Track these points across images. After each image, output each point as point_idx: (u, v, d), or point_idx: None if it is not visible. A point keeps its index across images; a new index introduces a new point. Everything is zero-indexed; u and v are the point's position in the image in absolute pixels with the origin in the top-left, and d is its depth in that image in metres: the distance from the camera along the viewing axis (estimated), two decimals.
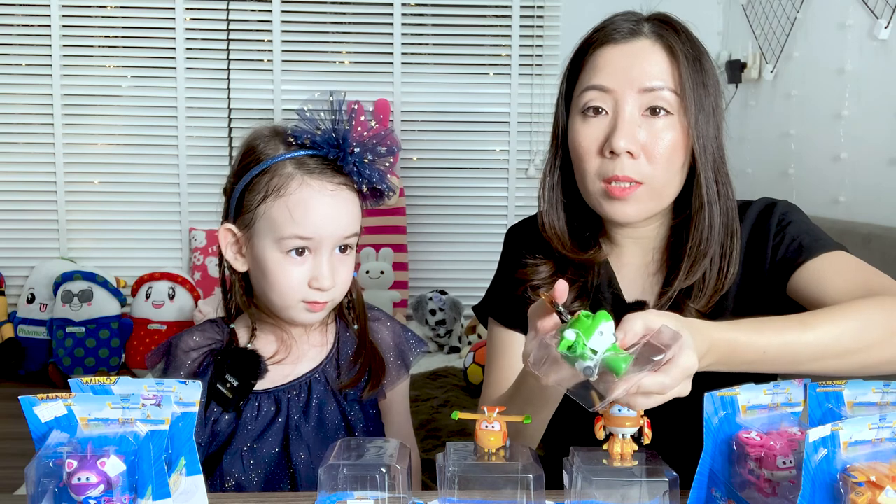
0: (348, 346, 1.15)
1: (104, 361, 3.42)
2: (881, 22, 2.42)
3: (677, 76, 1.01)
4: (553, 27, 3.76)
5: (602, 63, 1.03)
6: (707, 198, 1.03)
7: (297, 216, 1.01)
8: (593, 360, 0.72)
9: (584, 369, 0.73)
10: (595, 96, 1.03)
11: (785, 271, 1.03)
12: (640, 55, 1.02)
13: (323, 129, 1.03)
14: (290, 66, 3.74)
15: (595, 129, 1.03)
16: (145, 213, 3.75)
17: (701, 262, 1.04)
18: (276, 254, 1.03)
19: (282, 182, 1.02)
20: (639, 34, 1.03)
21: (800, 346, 0.86)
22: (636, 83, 1.01)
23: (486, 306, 1.23)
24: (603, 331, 0.73)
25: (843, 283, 0.97)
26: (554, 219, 1.12)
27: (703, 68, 1.03)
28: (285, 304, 1.05)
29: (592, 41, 1.06)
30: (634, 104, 1.01)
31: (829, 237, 1.06)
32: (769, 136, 3.07)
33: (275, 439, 1.08)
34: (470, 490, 0.78)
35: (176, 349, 1.11)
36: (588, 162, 1.04)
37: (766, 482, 0.75)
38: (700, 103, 1.02)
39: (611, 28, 1.05)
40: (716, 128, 1.04)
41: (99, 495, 0.69)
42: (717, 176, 1.05)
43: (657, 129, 1.01)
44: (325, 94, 1.04)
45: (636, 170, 1.01)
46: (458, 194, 3.84)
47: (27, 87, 3.67)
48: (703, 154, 1.02)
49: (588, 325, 0.73)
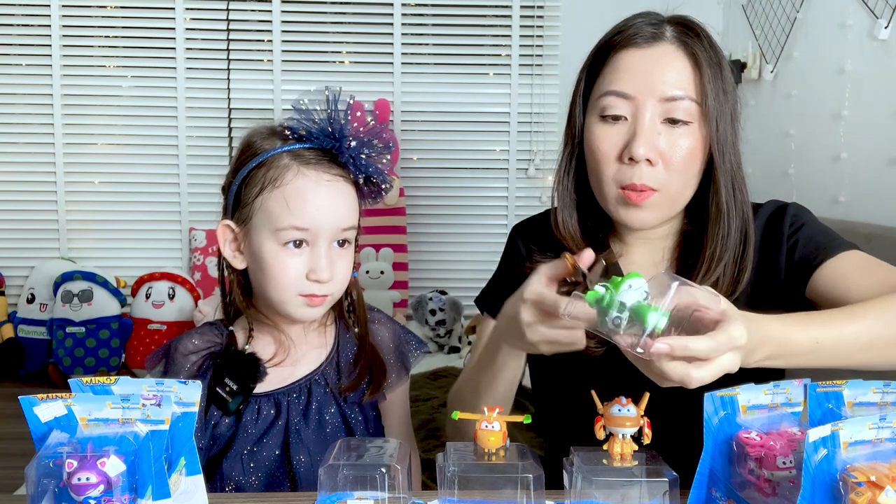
0: (348, 348, 1.15)
1: (104, 361, 3.42)
2: (881, 22, 2.42)
3: (699, 85, 1.00)
4: (553, 27, 3.75)
5: (623, 67, 1.02)
6: (725, 205, 1.03)
7: (293, 206, 1.01)
8: (623, 312, 0.73)
9: (612, 319, 0.74)
10: (614, 102, 1.02)
11: (804, 272, 1.03)
12: (661, 61, 1.01)
13: (319, 121, 1.03)
14: (290, 66, 3.74)
15: (614, 134, 1.02)
16: (145, 213, 3.75)
17: (716, 268, 1.04)
18: (273, 246, 1.03)
19: (278, 173, 1.02)
20: (661, 38, 1.02)
21: (850, 335, 0.87)
22: (657, 92, 1.00)
23: (485, 300, 1.23)
24: (633, 285, 0.74)
25: (866, 279, 0.98)
26: (567, 220, 1.11)
27: (723, 75, 1.03)
28: (283, 298, 1.05)
29: (614, 43, 1.04)
30: (654, 112, 1.00)
31: (842, 237, 1.06)
32: (769, 136, 3.07)
33: (275, 442, 1.08)
34: (470, 490, 0.78)
35: (175, 352, 1.11)
36: (606, 166, 1.03)
37: (766, 482, 0.75)
38: (721, 111, 1.01)
39: (632, 31, 1.03)
40: (734, 134, 1.04)
41: (99, 495, 0.69)
42: (735, 182, 1.05)
43: (676, 136, 1.01)
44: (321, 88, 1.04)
45: (653, 177, 1.01)
46: (458, 194, 3.83)
47: (27, 87, 3.66)
48: (722, 162, 1.02)
49: (618, 281, 0.74)
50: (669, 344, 0.73)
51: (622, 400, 0.79)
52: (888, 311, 0.89)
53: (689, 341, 0.73)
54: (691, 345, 0.73)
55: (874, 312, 0.89)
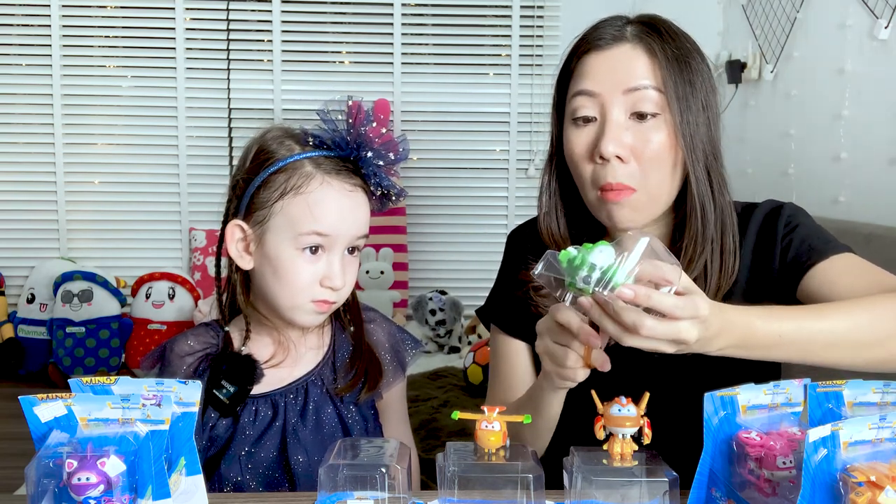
0: (344, 348, 1.15)
1: (104, 361, 3.42)
2: (881, 22, 2.42)
3: (660, 74, 1.01)
4: (553, 27, 3.75)
5: (587, 69, 1.04)
6: (698, 196, 1.03)
7: (316, 213, 1.02)
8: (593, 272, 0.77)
9: (583, 278, 0.77)
10: (583, 102, 1.04)
11: (795, 273, 1.03)
12: (622, 59, 1.03)
13: (340, 131, 1.04)
14: (290, 66, 3.74)
15: (585, 135, 1.04)
16: (145, 213, 3.75)
17: (697, 260, 1.04)
18: (290, 250, 1.03)
19: (301, 180, 1.03)
20: (621, 39, 1.04)
21: (814, 332, 0.87)
22: (621, 85, 1.02)
23: (489, 312, 1.23)
24: (602, 251, 0.77)
25: (855, 283, 0.98)
26: (553, 225, 1.13)
27: (690, 66, 1.03)
28: (294, 303, 1.05)
29: (577, 49, 1.07)
30: (621, 108, 1.02)
31: (836, 239, 1.06)
32: (769, 136, 3.07)
33: (272, 443, 1.08)
34: (470, 490, 0.78)
35: (171, 354, 1.10)
36: (582, 169, 1.05)
37: (766, 482, 0.75)
38: (686, 101, 1.02)
39: (594, 36, 1.06)
40: (707, 125, 1.04)
41: (99, 495, 0.69)
42: (710, 173, 1.04)
43: (645, 131, 1.01)
44: (342, 97, 1.05)
45: (628, 175, 1.01)
46: (458, 194, 3.84)
47: (27, 87, 3.67)
48: (691, 152, 1.02)
49: (590, 246, 0.78)
50: (634, 290, 0.75)
51: (622, 400, 0.79)
52: (856, 313, 0.89)
53: (653, 292, 0.75)
54: (655, 296, 0.75)
55: (844, 312, 0.89)
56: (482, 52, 3.81)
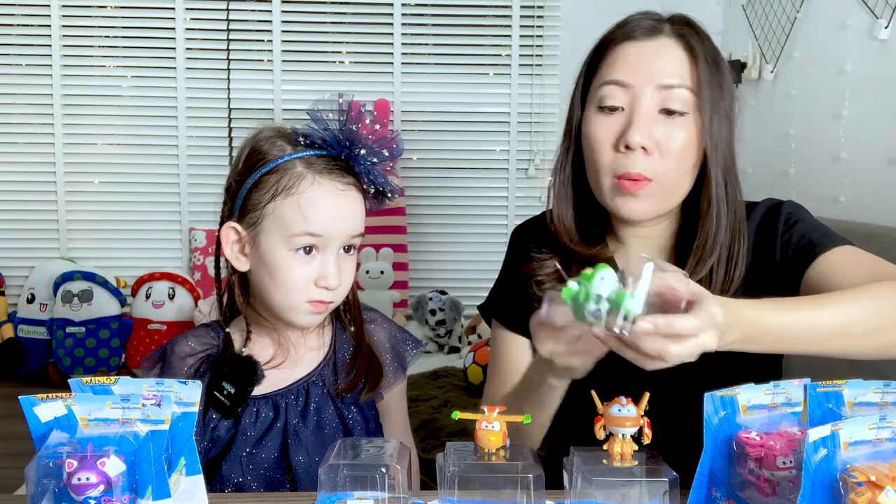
0: (345, 348, 1.15)
1: (104, 361, 3.42)
2: (881, 22, 2.42)
3: (695, 75, 1.02)
4: (553, 27, 3.75)
5: (622, 58, 1.04)
6: (716, 199, 1.04)
7: (308, 214, 1.02)
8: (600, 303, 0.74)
9: (592, 312, 0.74)
10: (613, 91, 1.03)
11: (798, 267, 1.04)
12: (659, 52, 1.03)
13: (332, 129, 1.03)
14: (290, 66, 3.74)
15: (611, 123, 1.04)
16: (145, 213, 3.75)
17: (706, 262, 1.04)
18: (284, 251, 1.03)
19: (292, 181, 1.03)
20: (659, 32, 1.04)
21: (822, 322, 0.87)
22: (654, 79, 1.02)
23: (490, 306, 1.23)
24: (604, 276, 0.75)
25: (858, 273, 0.98)
26: (563, 213, 1.12)
27: (720, 71, 1.05)
28: (290, 304, 1.05)
29: (613, 38, 1.07)
30: (651, 101, 1.02)
31: (836, 233, 1.07)
32: (769, 136, 3.07)
33: (273, 444, 1.08)
34: (470, 490, 0.78)
35: (171, 355, 1.10)
36: (602, 155, 1.04)
37: (766, 482, 0.75)
38: (716, 104, 1.03)
39: (632, 25, 1.06)
40: (728, 131, 1.05)
41: (99, 495, 0.69)
42: (727, 178, 1.05)
43: (672, 127, 1.02)
44: (334, 95, 1.04)
45: (649, 166, 1.02)
46: (458, 194, 3.83)
47: (27, 87, 3.66)
48: (714, 154, 1.03)
49: (589, 274, 0.75)
50: (654, 323, 0.74)
51: (622, 400, 0.79)
52: (858, 301, 0.89)
53: (672, 320, 0.75)
54: (676, 323, 0.75)
55: (851, 299, 0.89)
56: (482, 53, 3.80)
